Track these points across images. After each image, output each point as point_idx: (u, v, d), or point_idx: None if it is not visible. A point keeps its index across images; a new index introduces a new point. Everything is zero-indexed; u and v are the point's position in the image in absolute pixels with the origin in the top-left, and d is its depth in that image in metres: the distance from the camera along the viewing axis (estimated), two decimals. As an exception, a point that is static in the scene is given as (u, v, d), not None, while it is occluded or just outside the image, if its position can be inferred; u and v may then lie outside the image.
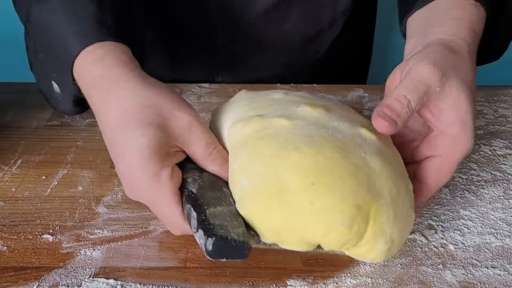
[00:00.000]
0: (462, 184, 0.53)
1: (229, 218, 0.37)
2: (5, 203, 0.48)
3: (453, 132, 0.43)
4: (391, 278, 0.40)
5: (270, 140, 0.39)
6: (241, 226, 0.36)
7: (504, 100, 0.72)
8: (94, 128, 0.62)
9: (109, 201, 0.49)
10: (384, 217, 0.37)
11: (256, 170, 0.38)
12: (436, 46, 0.45)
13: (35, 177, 0.52)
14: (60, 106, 0.53)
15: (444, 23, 0.48)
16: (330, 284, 0.40)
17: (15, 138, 0.59)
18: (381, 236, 0.37)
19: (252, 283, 0.40)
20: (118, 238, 0.44)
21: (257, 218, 0.37)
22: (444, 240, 0.45)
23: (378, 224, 0.36)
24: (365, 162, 0.38)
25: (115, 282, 0.39)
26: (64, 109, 0.53)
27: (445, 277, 0.41)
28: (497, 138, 0.62)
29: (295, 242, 0.37)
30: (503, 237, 0.45)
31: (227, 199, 0.39)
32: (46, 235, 0.44)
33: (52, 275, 0.40)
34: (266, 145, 0.39)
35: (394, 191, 0.38)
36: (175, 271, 0.41)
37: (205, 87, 0.73)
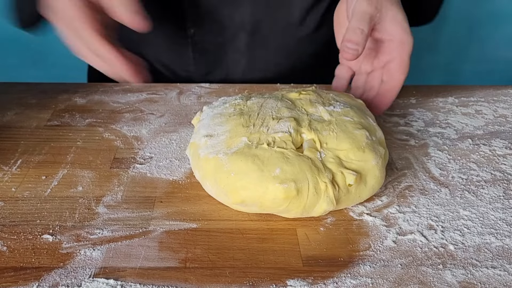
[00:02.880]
0: (462, 184, 0.53)
1: None
2: (5, 203, 0.48)
3: (398, 38, 0.59)
4: (391, 278, 0.40)
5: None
6: None
7: (504, 100, 0.72)
8: (94, 128, 0.62)
9: (109, 201, 0.49)
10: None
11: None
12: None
13: (35, 177, 0.52)
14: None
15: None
16: (330, 284, 0.40)
17: (15, 138, 0.59)
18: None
19: (252, 283, 0.40)
20: (118, 238, 0.44)
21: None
22: (444, 240, 0.45)
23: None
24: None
25: (115, 282, 0.39)
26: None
27: (445, 277, 0.41)
28: (497, 138, 0.62)
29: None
30: (503, 237, 0.45)
31: None
32: (46, 235, 0.44)
33: (52, 275, 0.40)
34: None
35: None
36: (175, 271, 0.41)
37: (205, 87, 0.73)
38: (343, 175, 0.47)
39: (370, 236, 0.45)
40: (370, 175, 0.48)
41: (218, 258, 0.42)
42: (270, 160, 0.46)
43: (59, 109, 0.66)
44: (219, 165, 0.47)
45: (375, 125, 0.54)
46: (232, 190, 0.46)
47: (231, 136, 0.49)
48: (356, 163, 0.48)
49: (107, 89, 0.72)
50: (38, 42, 1.31)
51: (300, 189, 0.45)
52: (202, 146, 0.50)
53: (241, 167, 0.46)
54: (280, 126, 0.50)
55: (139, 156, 0.56)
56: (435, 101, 0.71)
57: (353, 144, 0.49)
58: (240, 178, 0.46)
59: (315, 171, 0.46)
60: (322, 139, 0.49)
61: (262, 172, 0.45)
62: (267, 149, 0.47)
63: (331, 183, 0.46)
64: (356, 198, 0.48)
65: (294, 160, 0.46)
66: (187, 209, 0.48)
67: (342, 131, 0.50)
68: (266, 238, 0.45)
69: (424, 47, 1.43)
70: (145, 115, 0.65)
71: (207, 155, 0.49)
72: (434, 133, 0.63)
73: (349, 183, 0.46)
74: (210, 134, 0.50)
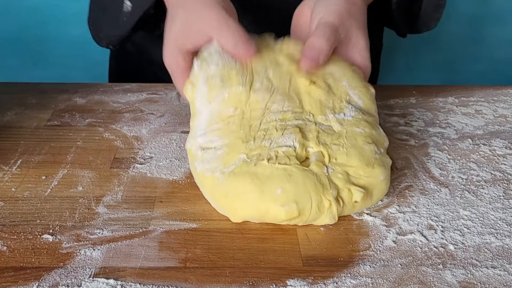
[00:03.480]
0: (462, 184, 0.53)
1: None
2: (5, 203, 0.48)
3: (356, 64, 0.56)
4: (391, 278, 0.40)
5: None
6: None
7: (503, 100, 0.72)
8: (94, 128, 0.62)
9: (109, 201, 0.49)
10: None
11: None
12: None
13: (35, 177, 0.52)
14: (114, 31, 0.69)
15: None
16: (330, 284, 0.40)
17: (15, 138, 0.59)
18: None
19: (252, 283, 0.40)
20: (118, 238, 0.44)
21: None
22: (444, 240, 0.45)
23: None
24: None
25: (115, 282, 0.39)
26: (115, 34, 0.70)
27: (445, 277, 0.41)
28: (497, 138, 0.62)
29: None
30: (503, 237, 0.45)
31: None
32: (46, 235, 0.44)
33: (52, 275, 0.40)
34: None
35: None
36: (175, 271, 0.41)
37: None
38: (350, 192, 0.46)
39: (370, 236, 0.45)
40: (377, 190, 0.47)
41: (218, 258, 0.42)
42: (271, 178, 0.44)
43: (59, 109, 0.66)
44: (215, 184, 0.46)
45: (381, 132, 0.52)
46: (230, 210, 0.46)
47: (229, 152, 0.47)
48: (365, 179, 0.47)
49: (107, 89, 0.72)
50: (38, 42, 1.31)
51: (302, 210, 0.44)
52: (199, 159, 0.48)
53: (239, 188, 0.45)
54: (285, 139, 0.47)
55: (139, 156, 0.56)
56: (435, 101, 0.71)
57: (363, 161, 0.47)
58: (238, 199, 0.45)
59: (320, 188, 0.44)
60: (331, 153, 0.47)
61: (262, 193, 0.44)
62: (268, 165, 0.45)
63: (336, 200, 0.45)
64: (359, 209, 0.48)
65: (297, 177, 0.44)
66: (187, 209, 0.48)
67: (352, 147, 0.48)
68: (266, 238, 0.45)
69: (424, 47, 1.43)
70: (145, 115, 0.65)
71: (203, 172, 0.47)
72: (434, 133, 0.63)
73: (356, 200, 0.46)
74: (207, 146, 0.48)
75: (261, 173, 0.45)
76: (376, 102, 0.55)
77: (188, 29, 0.55)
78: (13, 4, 1.24)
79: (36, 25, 1.27)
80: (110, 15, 0.69)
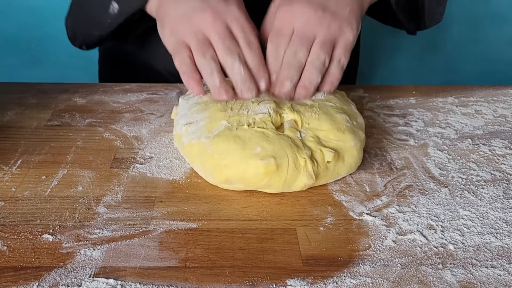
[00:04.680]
0: (461, 184, 0.53)
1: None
2: (5, 203, 0.48)
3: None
4: (391, 278, 0.41)
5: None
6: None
7: (503, 100, 0.72)
8: (94, 128, 0.62)
9: (109, 201, 0.49)
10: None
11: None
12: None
13: (35, 177, 0.52)
14: (94, 31, 0.69)
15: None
16: (330, 284, 0.40)
17: (15, 138, 0.59)
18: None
19: (252, 283, 0.40)
20: (118, 238, 0.44)
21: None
22: (444, 240, 0.45)
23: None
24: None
25: (115, 282, 0.39)
26: (94, 35, 0.70)
27: (445, 277, 0.41)
28: (497, 138, 0.62)
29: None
30: (503, 237, 0.45)
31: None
32: (46, 235, 0.44)
33: (52, 275, 0.40)
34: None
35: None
36: (175, 271, 0.41)
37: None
38: (322, 153, 0.50)
39: (370, 236, 0.45)
40: (348, 154, 0.52)
41: (218, 258, 0.42)
42: (251, 139, 0.49)
43: (59, 109, 0.66)
44: (202, 148, 0.50)
45: (357, 112, 0.57)
46: (217, 170, 0.49)
47: (211, 121, 0.52)
48: (335, 142, 0.51)
49: (107, 89, 0.72)
50: (38, 42, 1.31)
51: (280, 164, 0.48)
52: (184, 134, 0.53)
53: (223, 148, 0.49)
54: (260, 108, 0.53)
55: (139, 156, 0.56)
56: (435, 101, 0.71)
57: (334, 125, 0.52)
58: (223, 158, 0.49)
59: (295, 148, 0.49)
60: (304, 119, 0.53)
61: (243, 150, 0.49)
62: (248, 129, 0.50)
63: (310, 159, 0.49)
64: (335, 174, 0.51)
65: (274, 139, 0.49)
66: (187, 209, 0.48)
67: (324, 113, 0.53)
68: (266, 238, 0.45)
69: (424, 47, 1.43)
70: (145, 115, 0.66)
71: (190, 140, 0.52)
72: (433, 133, 0.63)
73: (328, 160, 0.50)
74: (190, 121, 0.54)
75: (242, 135, 0.50)
76: (375, 102, 0.55)
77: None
78: (13, 4, 1.24)
79: (36, 25, 1.27)
80: (95, 15, 0.69)
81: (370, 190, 0.51)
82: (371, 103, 0.70)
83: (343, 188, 0.52)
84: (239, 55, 0.55)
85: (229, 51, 0.54)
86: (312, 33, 0.56)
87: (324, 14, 0.56)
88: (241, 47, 0.55)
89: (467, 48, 1.43)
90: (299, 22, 0.56)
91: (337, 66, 0.56)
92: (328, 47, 0.56)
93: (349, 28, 0.57)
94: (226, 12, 0.56)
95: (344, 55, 0.57)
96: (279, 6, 0.58)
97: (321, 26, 0.56)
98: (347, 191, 0.51)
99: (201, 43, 0.55)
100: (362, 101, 0.70)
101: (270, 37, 0.57)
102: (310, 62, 0.55)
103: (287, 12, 0.57)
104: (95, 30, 0.71)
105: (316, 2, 0.57)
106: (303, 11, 0.56)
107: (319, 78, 0.55)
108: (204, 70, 0.54)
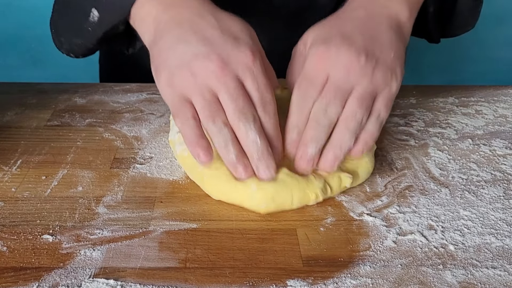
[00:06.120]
0: (462, 184, 0.53)
1: None
2: (5, 203, 0.48)
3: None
4: (391, 278, 0.40)
5: None
6: None
7: (504, 100, 0.72)
8: (94, 128, 0.62)
9: (109, 201, 0.49)
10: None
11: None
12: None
13: (35, 177, 0.52)
14: (76, 38, 0.61)
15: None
16: (330, 284, 0.40)
17: (15, 138, 0.59)
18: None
19: (252, 284, 0.40)
20: (118, 238, 0.44)
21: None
22: (444, 241, 0.45)
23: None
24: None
25: (115, 283, 0.39)
26: (77, 43, 0.61)
27: (445, 278, 0.41)
28: (497, 138, 0.62)
29: None
30: (503, 237, 0.45)
31: None
32: (46, 236, 0.44)
33: (52, 276, 0.40)
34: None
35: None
36: (175, 272, 0.41)
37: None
38: (339, 178, 0.48)
39: (370, 236, 0.45)
40: (362, 170, 0.50)
41: (218, 258, 0.42)
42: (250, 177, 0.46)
43: (59, 109, 0.66)
44: (193, 164, 0.48)
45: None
46: (209, 190, 0.48)
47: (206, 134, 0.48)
48: (350, 162, 0.50)
49: (107, 89, 0.72)
50: (38, 42, 1.31)
51: (281, 205, 0.46)
52: (177, 142, 0.52)
53: (214, 173, 0.47)
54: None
55: (139, 156, 0.56)
56: (435, 101, 0.71)
57: None
58: (214, 183, 0.47)
59: (303, 184, 0.46)
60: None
61: (235, 187, 0.46)
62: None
63: (322, 190, 0.47)
64: (344, 190, 0.50)
65: (277, 177, 0.46)
66: (187, 209, 0.48)
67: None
68: (266, 238, 0.45)
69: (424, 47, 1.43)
70: (145, 115, 0.65)
71: (182, 152, 0.50)
72: (434, 133, 0.63)
73: (346, 185, 0.48)
74: None
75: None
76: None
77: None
78: (13, 4, 1.24)
79: (36, 25, 1.27)
80: (74, 20, 0.61)
81: (370, 190, 0.51)
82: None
83: (343, 188, 0.52)
84: (254, 119, 0.45)
85: (243, 115, 0.45)
86: (350, 84, 0.47)
87: (368, 62, 0.47)
88: (256, 108, 0.46)
89: (467, 48, 1.43)
90: (336, 69, 0.47)
91: (375, 122, 0.48)
92: (368, 103, 0.47)
93: (394, 78, 0.48)
94: (236, 58, 0.46)
95: (384, 108, 0.48)
96: (312, 45, 0.49)
97: (363, 77, 0.47)
98: (347, 191, 0.51)
99: (209, 104, 0.45)
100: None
101: (298, 83, 0.48)
102: (343, 120, 0.46)
103: (323, 54, 0.47)
104: (78, 37, 0.61)
105: (358, 44, 0.47)
106: (343, 56, 0.47)
107: (352, 141, 0.47)
108: (217, 140, 0.45)
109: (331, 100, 0.46)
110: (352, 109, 0.46)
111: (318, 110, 0.46)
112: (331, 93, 0.46)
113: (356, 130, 0.46)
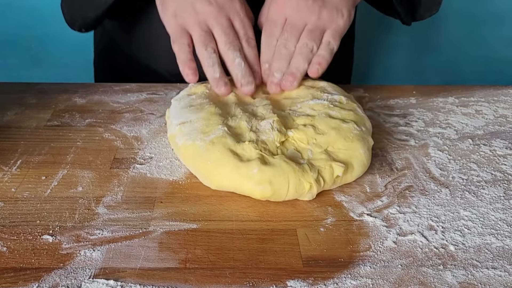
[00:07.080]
0: (462, 184, 0.53)
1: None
2: (5, 203, 0.48)
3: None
4: (392, 279, 0.40)
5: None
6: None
7: (504, 100, 0.72)
8: (94, 128, 0.62)
9: (109, 202, 0.49)
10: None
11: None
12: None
13: (35, 178, 0.52)
14: (90, 12, 0.72)
15: None
16: (330, 285, 0.40)
17: (15, 138, 0.59)
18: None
19: (252, 284, 0.40)
20: (118, 238, 0.44)
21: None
22: (444, 241, 0.45)
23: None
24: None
25: (115, 283, 0.39)
26: (90, 16, 0.72)
27: (446, 278, 0.41)
28: (497, 138, 0.62)
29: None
30: (504, 237, 0.45)
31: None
32: (46, 236, 0.44)
33: (51, 276, 0.40)
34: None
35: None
36: (175, 272, 0.41)
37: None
38: (331, 168, 0.49)
39: (370, 237, 0.45)
40: (357, 162, 0.51)
41: (218, 259, 0.42)
42: (250, 159, 0.48)
43: (59, 109, 0.66)
44: (197, 152, 0.49)
45: (364, 116, 0.56)
46: (211, 176, 0.49)
47: (207, 124, 0.52)
48: (343, 152, 0.50)
49: (107, 89, 0.72)
50: (38, 42, 1.31)
51: (278, 191, 0.47)
52: (178, 134, 0.52)
53: (218, 158, 0.48)
54: (264, 124, 0.52)
55: (139, 156, 0.56)
56: (435, 101, 0.71)
57: (341, 135, 0.51)
58: (217, 168, 0.48)
59: (299, 173, 0.47)
60: (309, 134, 0.51)
61: (238, 168, 0.47)
62: (247, 144, 0.49)
63: (316, 181, 0.48)
64: (342, 183, 0.51)
65: (275, 162, 0.48)
66: (187, 210, 0.48)
67: (329, 126, 0.52)
68: (266, 239, 0.45)
69: (424, 47, 1.43)
70: (145, 115, 0.65)
71: (184, 142, 0.51)
72: (434, 133, 0.63)
73: (338, 174, 0.49)
74: (183, 121, 0.53)
75: (241, 152, 0.49)
76: (375, 102, 0.55)
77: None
78: (13, 4, 1.24)
79: (36, 25, 1.27)
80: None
81: (371, 190, 0.51)
82: (371, 103, 0.70)
83: (343, 188, 0.51)
84: (239, 50, 0.58)
85: (231, 45, 0.58)
86: (302, 21, 0.59)
87: (315, 3, 0.59)
88: (241, 42, 0.59)
89: (467, 48, 1.43)
90: (290, 11, 0.59)
91: (325, 48, 0.59)
92: (317, 35, 0.58)
93: (340, 16, 0.59)
94: (229, 5, 0.59)
95: (333, 39, 0.59)
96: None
97: (311, 15, 0.59)
98: (347, 191, 0.51)
99: (204, 34, 0.57)
100: (362, 101, 0.70)
101: (264, 27, 0.61)
102: (298, 49, 0.58)
103: (280, 1, 0.60)
104: (91, 11, 0.72)
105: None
106: (294, 1, 0.59)
107: (305, 64, 0.58)
108: (205, 61, 0.57)
109: (289, 37, 0.59)
110: (304, 41, 0.58)
111: (280, 45, 0.59)
112: (288, 31, 0.59)
113: (308, 55, 0.58)
